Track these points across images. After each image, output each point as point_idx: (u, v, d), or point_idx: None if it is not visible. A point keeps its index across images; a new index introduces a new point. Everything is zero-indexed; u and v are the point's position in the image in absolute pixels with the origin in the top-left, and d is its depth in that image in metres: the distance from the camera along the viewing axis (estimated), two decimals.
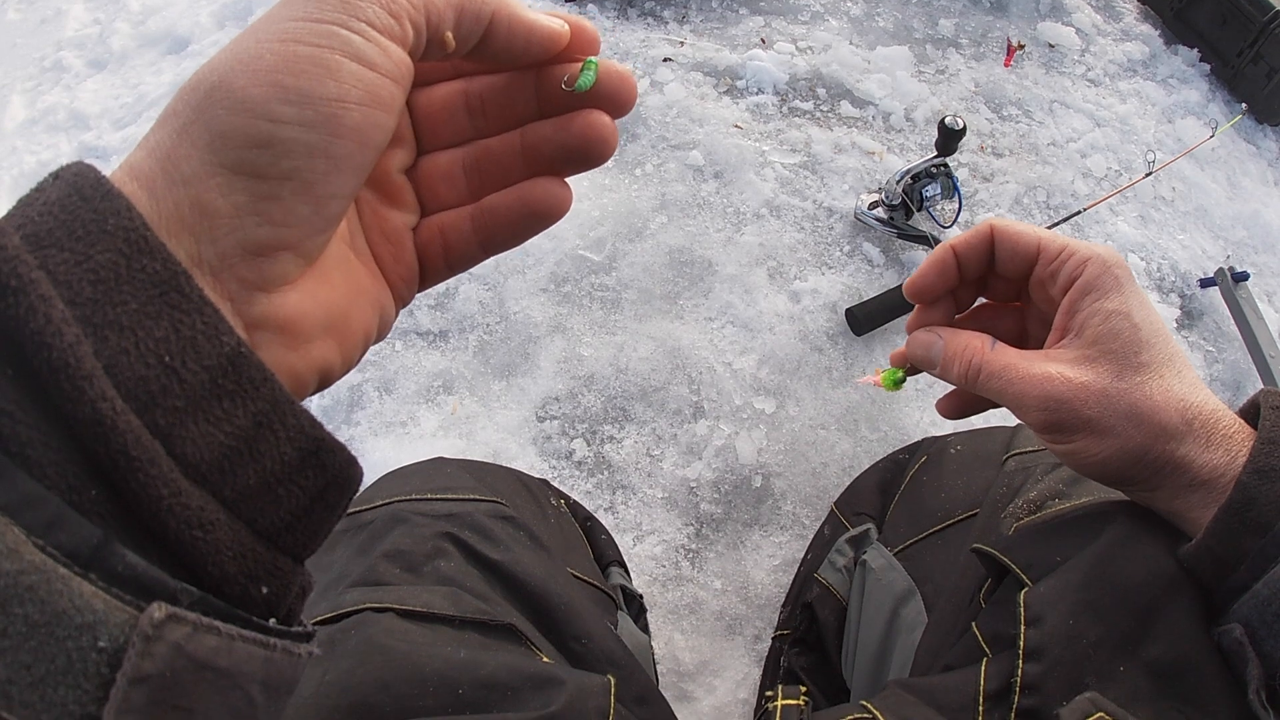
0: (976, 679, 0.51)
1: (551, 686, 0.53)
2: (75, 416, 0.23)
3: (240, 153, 0.27)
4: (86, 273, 0.24)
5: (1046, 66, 1.93)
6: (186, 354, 0.25)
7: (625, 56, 1.82)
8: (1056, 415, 0.49)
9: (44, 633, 0.21)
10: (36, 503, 0.22)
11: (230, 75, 0.27)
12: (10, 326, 0.23)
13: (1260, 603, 0.43)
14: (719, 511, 1.28)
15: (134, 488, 0.24)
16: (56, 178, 0.26)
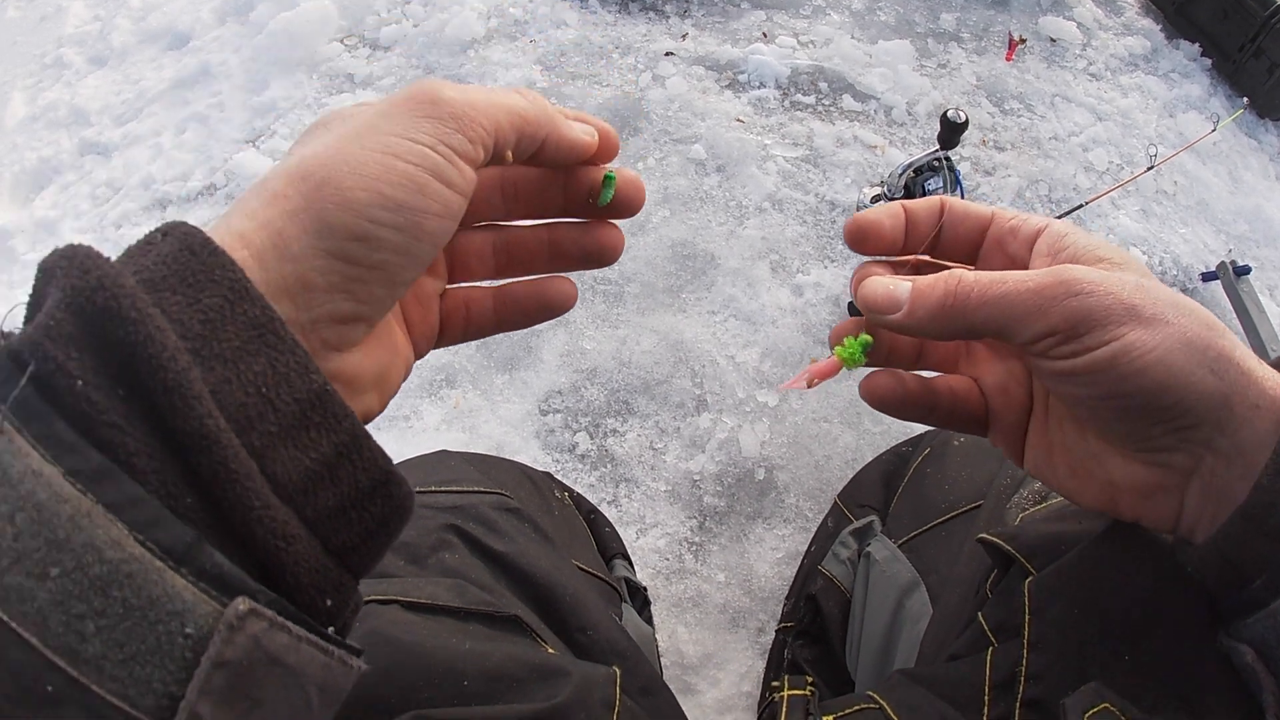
0: (983, 669, 0.51)
1: (557, 678, 0.52)
2: (183, 431, 0.26)
3: (343, 243, 0.32)
4: (196, 313, 0.28)
5: (1048, 61, 1.93)
6: (280, 387, 0.29)
7: (627, 51, 1.82)
8: (1094, 301, 0.37)
9: (138, 616, 0.25)
10: (139, 504, 0.25)
11: (339, 175, 0.32)
12: (127, 352, 0.26)
13: (1277, 621, 0.37)
14: (722, 504, 1.28)
15: (230, 498, 0.27)
16: (165, 235, 0.30)
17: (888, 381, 0.45)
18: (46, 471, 0.25)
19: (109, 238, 1.72)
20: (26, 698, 0.23)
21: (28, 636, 0.24)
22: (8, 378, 0.26)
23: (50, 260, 0.28)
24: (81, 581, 0.24)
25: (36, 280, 0.28)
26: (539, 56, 1.83)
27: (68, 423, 0.26)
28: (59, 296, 0.26)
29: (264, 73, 1.90)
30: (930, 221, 0.45)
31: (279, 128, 1.79)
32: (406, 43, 1.90)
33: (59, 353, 0.26)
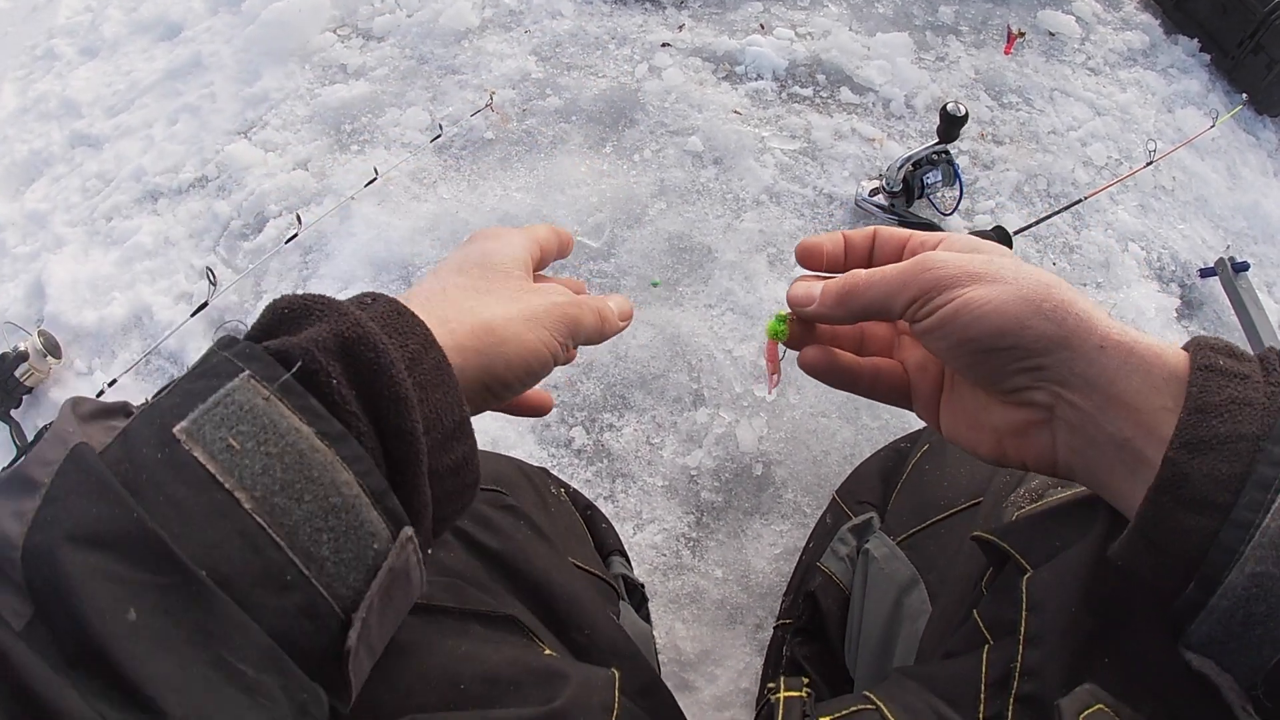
0: (978, 666, 0.51)
1: (555, 681, 0.52)
2: (397, 426, 0.39)
3: (493, 385, 0.48)
4: (405, 352, 0.41)
5: (1047, 54, 1.92)
6: (446, 411, 0.42)
7: (623, 41, 1.81)
8: (942, 272, 0.46)
9: (352, 533, 0.37)
10: (361, 459, 0.37)
11: (507, 351, 0.48)
12: (370, 368, 0.39)
13: (1222, 615, 0.40)
14: (720, 500, 1.27)
15: (409, 473, 0.40)
16: (374, 299, 0.43)
17: (815, 353, 0.55)
18: (304, 430, 0.36)
19: (100, 230, 1.71)
20: (271, 583, 0.34)
21: (280, 541, 0.35)
22: (272, 367, 0.37)
23: (293, 302, 0.40)
24: (324, 506, 0.36)
25: (268, 314, 0.41)
26: (534, 47, 1.82)
27: (319, 401, 0.37)
28: (329, 327, 0.39)
29: (256, 63, 1.88)
30: (867, 243, 0.55)
31: (271, 118, 1.77)
32: (400, 33, 1.89)
33: (322, 359, 0.38)
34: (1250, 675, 0.40)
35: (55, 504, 0.33)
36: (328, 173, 1.66)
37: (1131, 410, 0.43)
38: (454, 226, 1.52)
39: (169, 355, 1.50)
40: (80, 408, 0.39)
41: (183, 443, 0.34)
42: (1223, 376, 0.42)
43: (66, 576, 0.31)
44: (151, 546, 0.32)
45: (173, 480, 0.34)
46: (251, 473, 0.35)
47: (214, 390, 0.36)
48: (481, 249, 0.53)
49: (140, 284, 1.59)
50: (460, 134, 1.67)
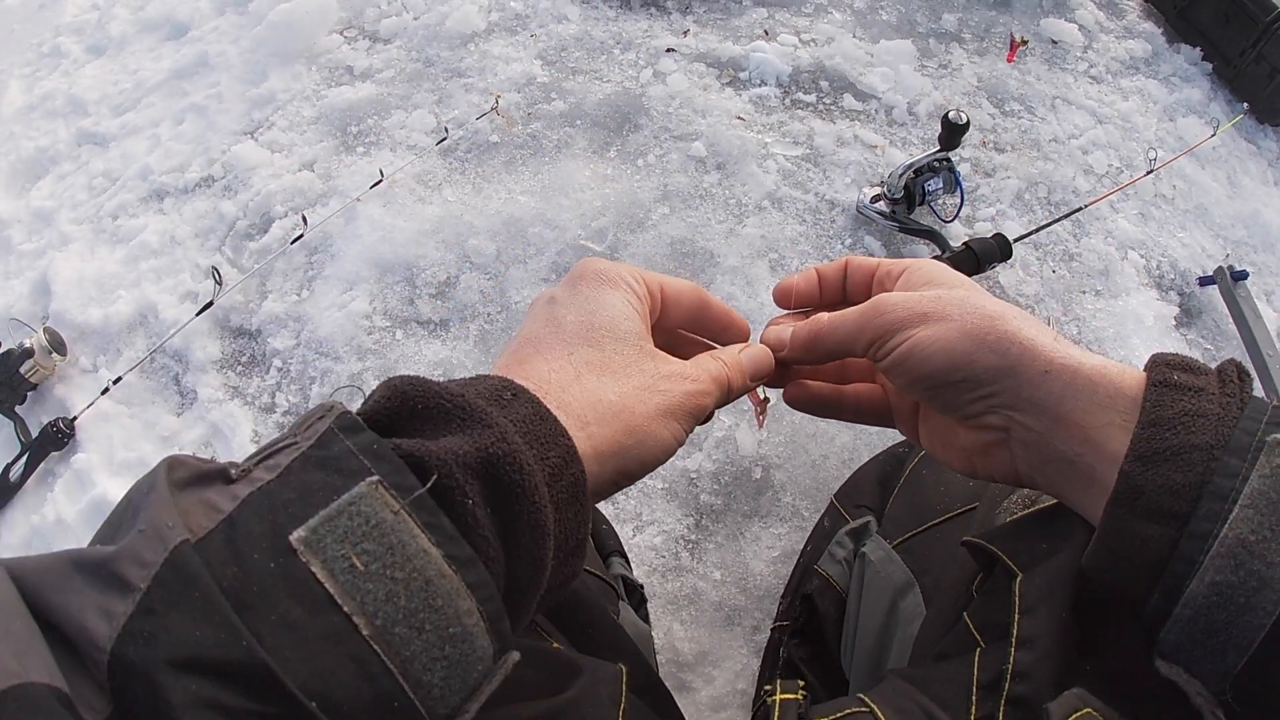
0: (970, 668, 0.51)
1: (567, 671, 0.52)
2: (531, 555, 0.39)
3: (623, 479, 0.47)
4: (546, 466, 0.40)
5: (1049, 62, 1.93)
6: (576, 529, 0.42)
7: (628, 47, 1.82)
8: (889, 318, 0.50)
9: (465, 662, 0.35)
10: (485, 585, 0.36)
11: (640, 446, 0.47)
12: (510, 491, 0.37)
13: (1186, 624, 0.41)
14: (719, 503, 1.28)
15: (529, 597, 0.40)
16: (515, 395, 0.42)
17: (795, 391, 0.61)
18: (433, 554, 0.35)
19: (105, 228, 1.72)
20: (378, 710, 0.33)
21: (394, 670, 0.33)
22: (403, 474, 0.35)
23: (426, 395, 0.39)
24: (443, 636, 0.35)
25: (394, 400, 0.39)
26: (540, 51, 1.83)
27: (452, 521, 0.36)
28: (472, 442, 0.37)
29: (263, 64, 1.89)
30: (839, 275, 0.60)
31: (277, 119, 1.78)
32: (406, 35, 1.90)
33: (461, 476, 0.36)
34: (1218, 681, 0.41)
35: (153, 618, 0.30)
36: (333, 174, 1.67)
37: (1078, 428, 0.46)
38: (459, 229, 1.53)
39: (174, 354, 1.52)
40: (176, 473, 0.36)
41: (300, 554, 0.33)
42: (1177, 391, 0.44)
43: (167, 703, 0.29)
44: (259, 676, 0.30)
45: (287, 598, 0.32)
46: (375, 598, 0.33)
47: (338, 492, 0.34)
48: (604, 308, 0.51)
49: (146, 282, 1.60)
50: (465, 137, 1.68)
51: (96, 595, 0.31)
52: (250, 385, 1.46)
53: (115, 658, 0.30)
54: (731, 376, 0.54)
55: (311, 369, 1.43)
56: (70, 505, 1.39)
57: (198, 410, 1.45)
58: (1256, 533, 0.40)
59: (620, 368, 0.48)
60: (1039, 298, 1.52)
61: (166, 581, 0.31)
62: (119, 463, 1.41)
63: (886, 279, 0.57)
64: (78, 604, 0.31)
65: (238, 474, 0.36)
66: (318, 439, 0.36)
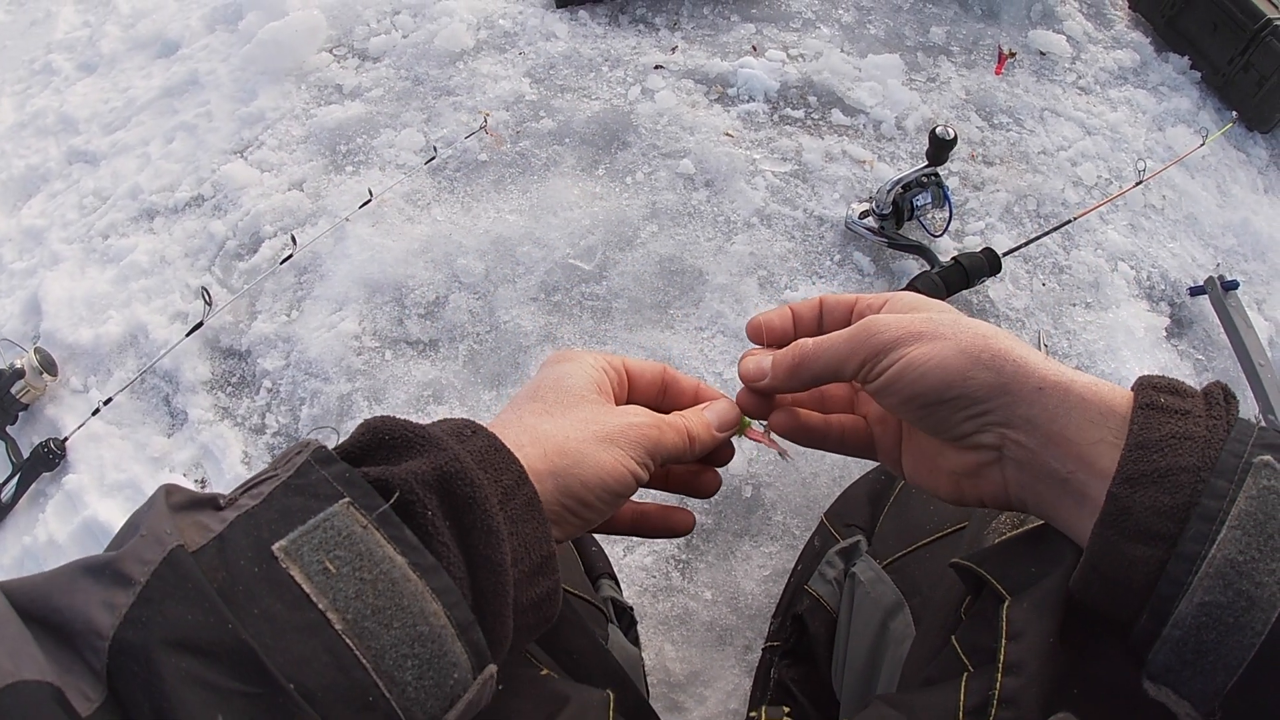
0: (956, 694, 0.51)
1: (553, 701, 0.52)
2: (487, 558, 0.42)
3: (572, 504, 0.50)
4: (498, 488, 0.44)
5: (1037, 74, 1.93)
6: (535, 546, 0.45)
7: (616, 64, 1.82)
8: (882, 338, 0.50)
9: (435, 662, 0.38)
10: (450, 592, 0.39)
11: (584, 470, 0.50)
12: (464, 503, 0.41)
13: (1175, 645, 0.42)
14: (709, 522, 1.28)
15: (494, 606, 0.42)
16: (474, 432, 0.46)
17: (783, 419, 0.60)
18: (398, 560, 0.38)
19: (96, 247, 1.72)
20: (354, 702, 0.36)
21: (366, 663, 0.36)
22: (371, 496, 0.40)
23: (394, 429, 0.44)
24: (411, 634, 0.38)
25: (366, 436, 0.44)
26: (528, 69, 1.83)
27: (413, 532, 0.40)
28: (429, 462, 0.41)
29: (252, 82, 1.89)
30: (814, 313, 0.60)
31: (267, 138, 1.78)
32: (395, 53, 1.90)
33: (420, 491, 0.40)
34: (1208, 701, 0.41)
35: (151, 605, 0.34)
36: (323, 193, 1.67)
37: (1071, 445, 0.46)
38: (447, 248, 1.53)
39: (164, 374, 1.51)
40: (173, 498, 0.40)
41: (280, 561, 0.37)
42: (1164, 414, 0.44)
43: (159, 678, 0.32)
44: (243, 657, 0.34)
45: (268, 595, 0.36)
46: (345, 596, 0.37)
47: (314, 512, 0.38)
48: (555, 373, 0.56)
49: (136, 302, 1.60)
50: (454, 155, 1.68)
51: (101, 591, 0.35)
52: (240, 406, 1.46)
53: (116, 642, 0.33)
54: (690, 425, 0.57)
55: (301, 390, 1.43)
56: (62, 526, 1.39)
57: (188, 431, 1.45)
58: (1244, 553, 0.40)
59: (559, 410, 0.53)
60: (1029, 311, 1.52)
61: (164, 576, 0.35)
62: (110, 484, 1.41)
63: (868, 311, 0.57)
64: (83, 601, 0.35)
65: (225, 502, 0.40)
66: (296, 470, 0.40)
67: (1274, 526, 0.40)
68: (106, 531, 1.34)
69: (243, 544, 0.37)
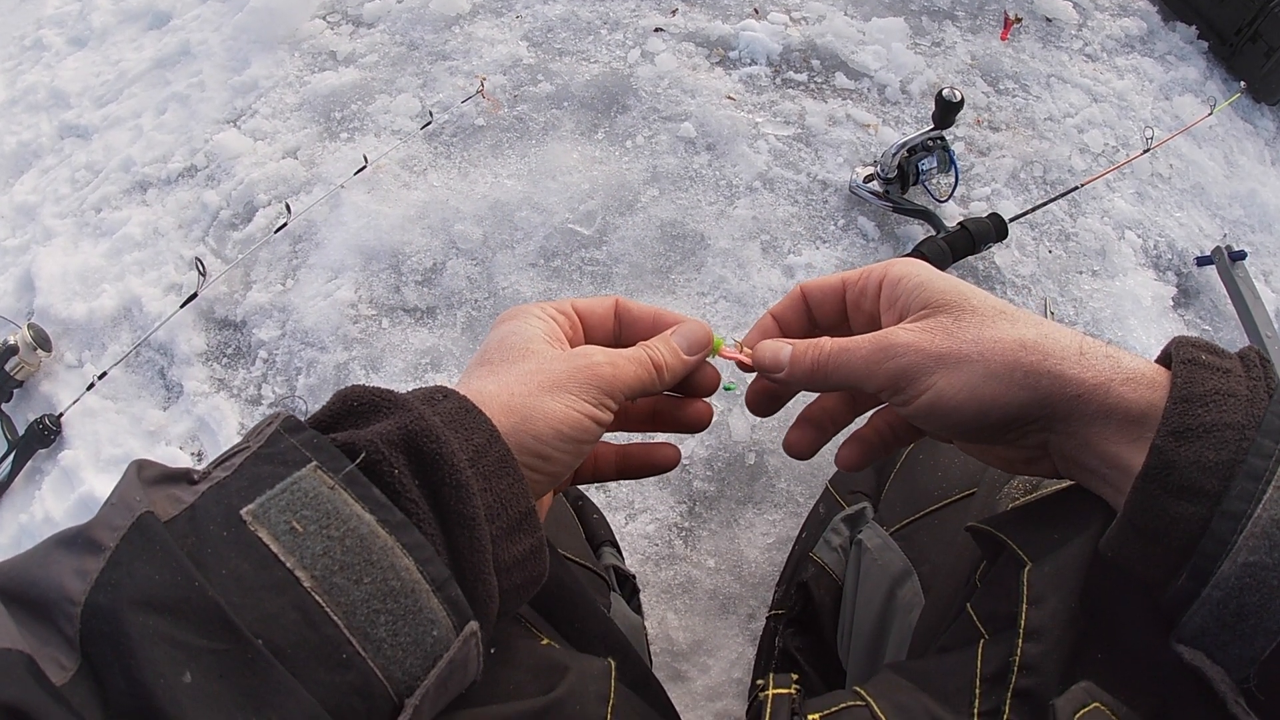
0: (973, 661, 0.50)
1: (554, 672, 0.51)
2: (458, 513, 0.41)
3: (531, 459, 0.47)
4: (469, 445, 0.43)
5: (1043, 40, 1.90)
6: (511, 502, 0.44)
7: (615, 26, 1.79)
8: (902, 362, 0.48)
9: (410, 618, 0.38)
10: (421, 547, 0.39)
11: (535, 421, 0.48)
12: (431, 460, 0.41)
13: (1214, 606, 0.40)
14: (712, 489, 1.26)
15: (473, 561, 0.41)
16: (445, 396, 0.46)
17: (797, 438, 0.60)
18: (366, 518, 0.38)
19: (89, 221, 1.70)
20: (327, 660, 0.35)
21: (337, 619, 0.36)
22: (338, 459, 0.39)
23: (362, 395, 0.44)
24: (382, 589, 0.37)
25: (337, 404, 0.44)
26: (525, 32, 1.80)
27: (381, 491, 0.39)
28: (394, 422, 0.41)
29: (245, 51, 1.86)
30: (800, 310, 0.58)
31: (260, 107, 1.75)
32: (390, 19, 1.87)
33: (387, 451, 0.40)
34: (1243, 667, 0.40)
35: (120, 568, 0.34)
36: (317, 161, 1.65)
37: (1112, 444, 0.46)
38: (444, 214, 1.51)
39: (159, 347, 1.49)
40: (145, 472, 0.40)
41: (249, 524, 0.37)
42: (1206, 370, 0.44)
43: (127, 637, 0.32)
44: (210, 614, 0.34)
45: (236, 556, 0.36)
46: (312, 553, 0.37)
47: (281, 478, 0.38)
48: (500, 332, 0.54)
49: (130, 275, 1.58)
50: (451, 121, 1.65)
51: (73, 560, 0.35)
52: (236, 377, 1.44)
53: (88, 607, 0.33)
54: (654, 354, 0.54)
55: (297, 359, 1.41)
56: (58, 503, 1.37)
57: (184, 404, 1.43)
58: None
59: (504, 367, 0.51)
60: (1035, 278, 1.50)
61: (132, 540, 0.35)
62: (106, 459, 1.39)
63: (863, 298, 0.55)
64: (57, 571, 0.34)
65: (199, 476, 0.40)
66: (266, 439, 0.40)
67: None
68: None
69: (213, 511, 0.37)
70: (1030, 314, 0.50)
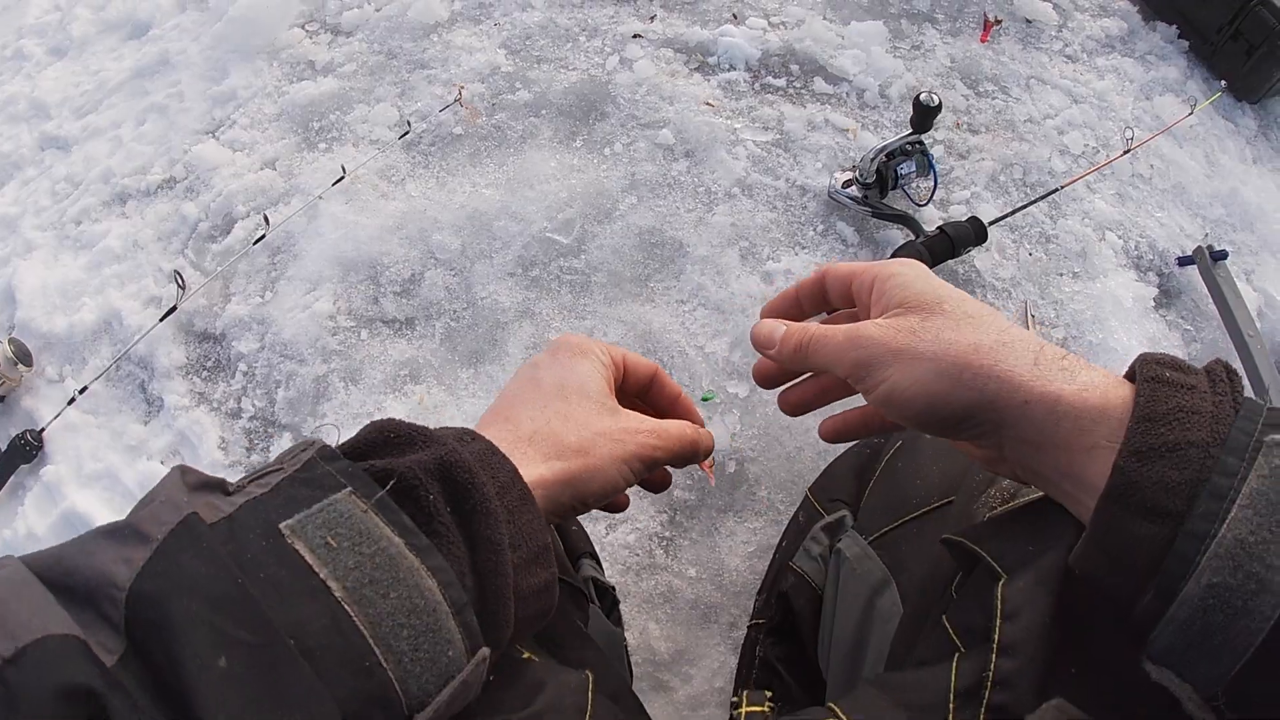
0: (948, 676, 0.50)
1: (531, 688, 0.52)
2: (486, 538, 0.44)
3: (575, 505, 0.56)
4: (496, 483, 0.47)
5: (1023, 42, 1.90)
6: (532, 536, 0.48)
7: (594, 33, 1.79)
8: (864, 353, 0.53)
9: (430, 636, 0.40)
10: (444, 571, 0.42)
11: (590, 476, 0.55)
12: (464, 489, 0.44)
13: (1180, 625, 0.41)
14: (693, 498, 1.26)
15: (495, 585, 0.44)
16: (474, 438, 0.50)
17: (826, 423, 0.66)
18: (395, 540, 0.41)
19: (69, 234, 1.69)
20: (351, 665, 0.38)
21: (364, 629, 0.38)
22: (370, 486, 0.43)
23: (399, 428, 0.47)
24: (406, 605, 0.40)
25: (372, 434, 0.47)
26: (504, 40, 1.80)
27: (416, 514, 0.43)
28: (431, 454, 0.45)
29: (224, 60, 1.85)
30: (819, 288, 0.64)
31: (238, 117, 1.75)
32: (368, 27, 1.86)
33: (424, 478, 0.43)
34: (1211, 685, 0.40)
35: (167, 558, 0.37)
36: (295, 172, 1.64)
37: (1063, 451, 0.47)
38: (422, 224, 1.50)
39: (139, 361, 1.49)
40: (188, 477, 0.43)
41: (286, 537, 0.40)
42: (1170, 387, 0.44)
43: (170, 620, 0.35)
44: (249, 609, 0.36)
45: (274, 564, 0.39)
46: (344, 566, 0.39)
47: (318, 499, 0.41)
48: (577, 373, 0.60)
49: (110, 289, 1.57)
50: (429, 130, 1.65)
51: (119, 549, 0.37)
52: (216, 391, 1.44)
53: (133, 593, 0.35)
54: (700, 438, 0.64)
55: (277, 372, 1.40)
56: (41, 519, 1.37)
57: (164, 418, 1.43)
58: (1256, 534, 0.39)
59: (583, 419, 0.57)
60: (1015, 281, 1.50)
61: (180, 535, 0.38)
62: (88, 474, 1.39)
63: (862, 290, 0.59)
64: (101, 559, 0.36)
65: (233, 488, 0.43)
66: (303, 464, 0.43)
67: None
68: (86, 523, 1.31)
69: (251, 522, 0.40)
70: (1001, 320, 0.51)
